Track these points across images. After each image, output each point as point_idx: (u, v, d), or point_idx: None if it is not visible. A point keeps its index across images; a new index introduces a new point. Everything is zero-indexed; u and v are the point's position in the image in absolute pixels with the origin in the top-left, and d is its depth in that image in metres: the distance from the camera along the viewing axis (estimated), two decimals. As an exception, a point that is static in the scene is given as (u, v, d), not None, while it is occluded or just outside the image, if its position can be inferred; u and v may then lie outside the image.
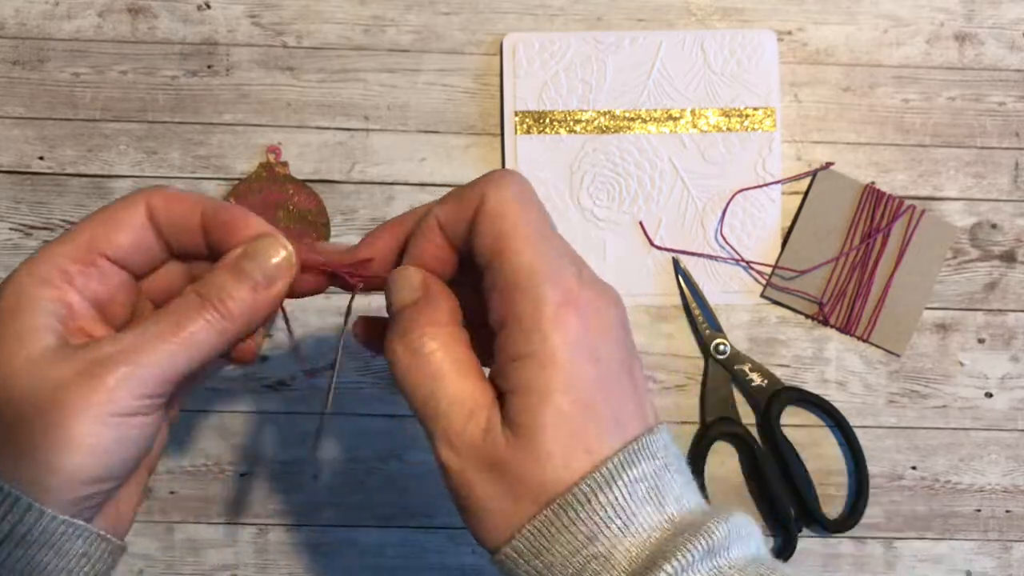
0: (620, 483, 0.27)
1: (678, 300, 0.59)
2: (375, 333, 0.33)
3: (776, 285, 0.59)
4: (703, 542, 0.26)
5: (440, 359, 0.29)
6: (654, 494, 0.27)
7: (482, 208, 0.29)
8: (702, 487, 0.58)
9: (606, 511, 0.27)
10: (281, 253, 0.30)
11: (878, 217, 0.59)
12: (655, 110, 0.59)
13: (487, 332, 0.30)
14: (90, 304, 0.29)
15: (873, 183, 0.60)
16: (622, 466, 0.27)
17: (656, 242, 0.59)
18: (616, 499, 0.27)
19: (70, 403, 0.26)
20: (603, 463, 0.27)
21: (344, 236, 0.59)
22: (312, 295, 0.33)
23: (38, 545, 0.27)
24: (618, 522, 0.27)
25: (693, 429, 0.59)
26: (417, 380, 0.29)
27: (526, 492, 0.27)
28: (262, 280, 0.29)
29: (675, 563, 0.26)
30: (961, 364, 0.60)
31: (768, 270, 0.59)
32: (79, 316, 0.29)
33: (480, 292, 0.30)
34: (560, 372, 0.27)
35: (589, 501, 0.27)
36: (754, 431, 0.59)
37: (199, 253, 0.31)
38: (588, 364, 0.28)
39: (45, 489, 0.26)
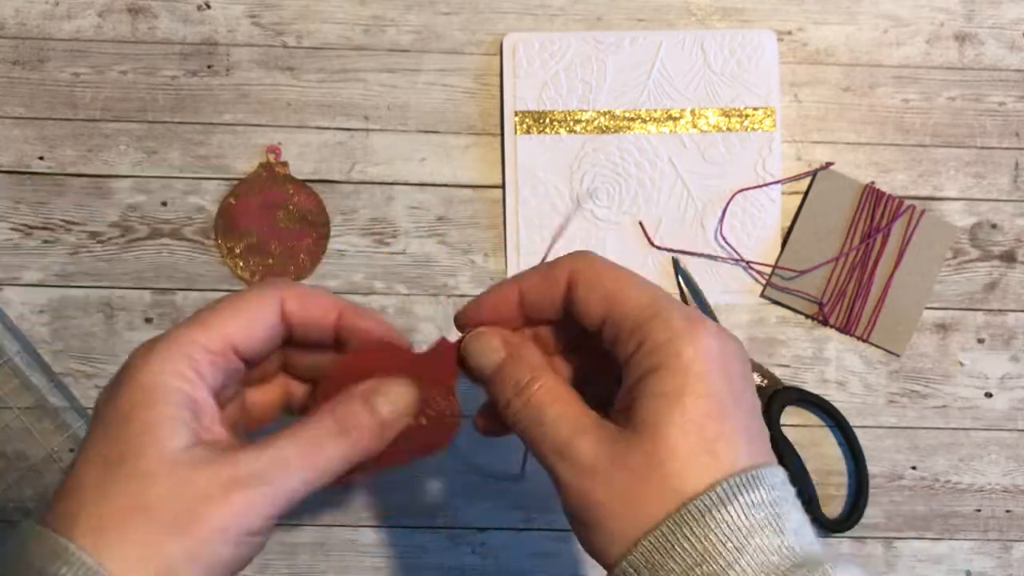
0: (739, 502, 0.27)
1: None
2: (491, 421, 0.35)
3: (776, 285, 0.59)
4: None
5: (541, 395, 0.30)
6: (773, 520, 0.27)
7: (576, 280, 0.31)
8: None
9: (722, 528, 0.26)
10: (407, 396, 0.32)
11: (878, 217, 0.59)
12: (655, 110, 0.59)
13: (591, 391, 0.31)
14: (213, 399, 0.30)
15: (873, 183, 0.60)
16: (744, 486, 0.27)
17: (656, 242, 0.59)
18: (733, 518, 0.26)
19: (206, 519, 0.27)
20: (724, 479, 0.27)
21: (344, 236, 0.59)
22: None
23: None
24: (734, 541, 0.26)
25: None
26: (524, 417, 0.30)
27: (648, 497, 0.27)
28: (389, 419, 0.31)
29: None
30: (961, 364, 0.60)
31: (768, 270, 0.59)
32: (204, 412, 0.29)
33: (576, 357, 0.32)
34: (693, 379, 0.28)
35: (705, 517, 0.26)
36: (754, 431, 0.59)
37: (322, 345, 0.33)
38: (720, 377, 0.28)
39: None
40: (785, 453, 0.58)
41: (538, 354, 0.33)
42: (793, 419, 0.59)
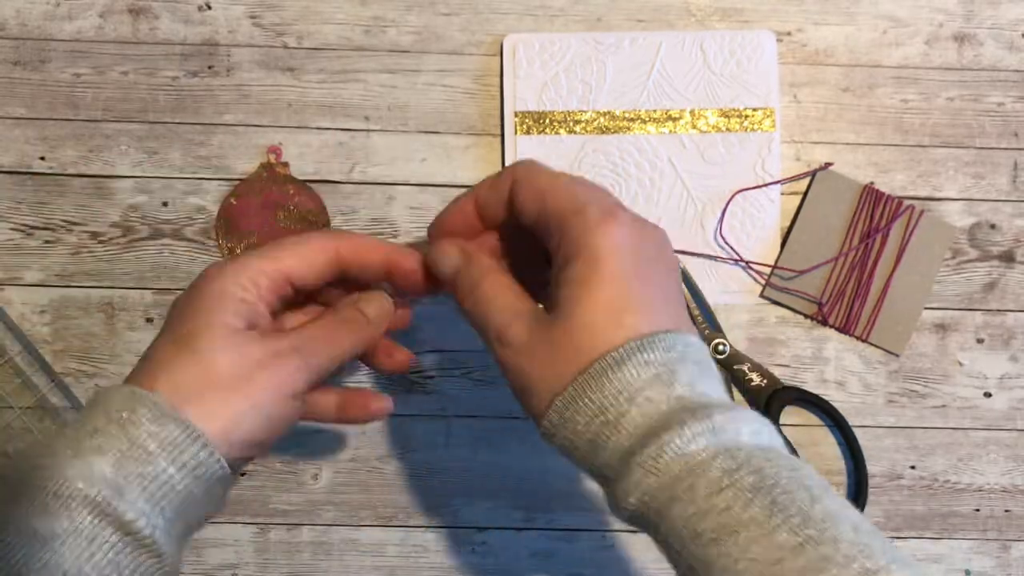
0: (632, 362, 0.31)
1: (678, 300, 0.59)
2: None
3: (775, 285, 0.59)
4: (703, 420, 0.30)
5: (487, 290, 0.36)
6: (665, 376, 0.31)
7: (517, 182, 0.36)
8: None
9: (614, 385, 0.31)
10: (385, 303, 0.40)
11: (877, 217, 0.59)
12: (655, 111, 0.60)
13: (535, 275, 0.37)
14: (267, 309, 0.37)
15: (872, 183, 0.60)
16: (637, 349, 0.31)
17: (656, 242, 0.59)
18: (626, 375, 0.31)
19: (261, 380, 0.34)
20: (623, 343, 0.31)
21: (344, 236, 0.59)
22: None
23: (200, 481, 0.33)
24: (627, 393, 0.31)
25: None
26: (476, 311, 0.36)
27: (563, 364, 0.32)
28: (375, 318, 0.39)
29: (672, 431, 0.30)
30: (960, 364, 0.60)
31: (767, 270, 0.59)
32: (260, 316, 0.37)
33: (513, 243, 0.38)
34: (601, 265, 0.32)
35: (602, 376, 0.31)
36: (753, 431, 0.59)
37: (372, 281, 0.41)
38: (628, 261, 0.33)
39: (229, 444, 0.33)
40: (784, 453, 0.58)
41: (488, 258, 0.38)
42: (792, 419, 0.59)
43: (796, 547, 0.27)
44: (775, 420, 0.58)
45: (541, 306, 0.35)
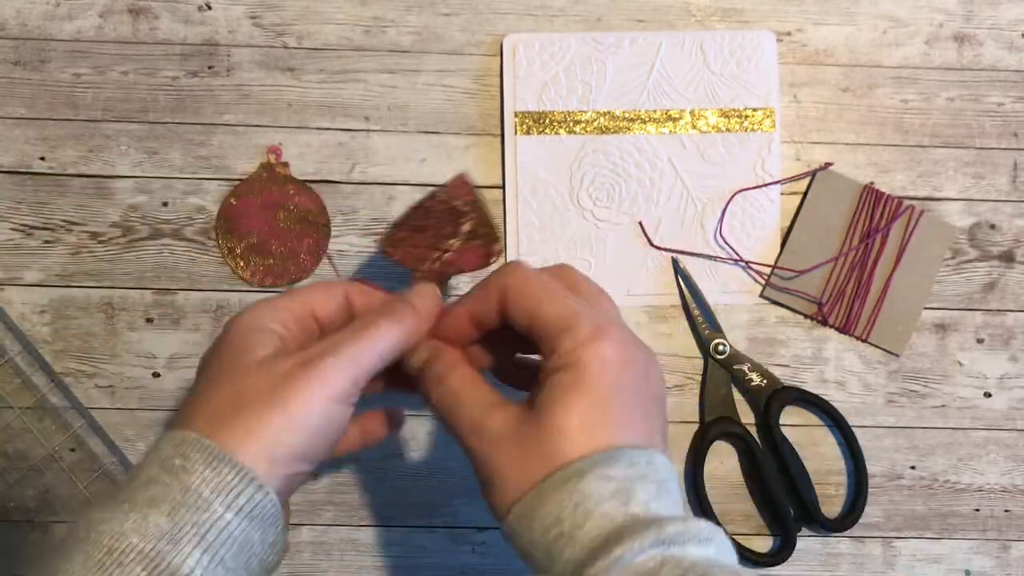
0: (593, 475, 0.31)
1: (677, 300, 0.59)
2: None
3: (775, 285, 0.59)
4: (653, 534, 0.30)
5: (456, 382, 0.36)
6: (622, 493, 0.31)
7: (506, 296, 0.36)
8: (702, 498, 0.58)
9: (572, 497, 0.31)
10: (431, 292, 0.39)
11: (877, 217, 0.59)
12: (655, 111, 0.60)
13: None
14: (297, 345, 0.37)
15: (872, 183, 0.60)
16: (600, 462, 0.32)
17: (656, 242, 0.59)
18: (583, 489, 0.31)
19: (295, 388, 0.33)
20: (590, 454, 0.32)
21: (345, 237, 0.59)
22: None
23: (256, 521, 0.32)
24: (582, 508, 0.31)
25: (693, 429, 0.59)
26: (447, 401, 0.36)
27: (532, 462, 0.32)
28: (423, 308, 0.38)
29: (624, 546, 0.30)
30: (960, 364, 0.60)
31: (767, 270, 0.59)
32: (287, 341, 0.37)
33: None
34: (585, 377, 0.33)
35: (566, 484, 0.31)
36: (753, 431, 0.59)
37: None
38: (612, 377, 0.33)
39: (273, 463, 0.33)
40: (784, 453, 0.58)
41: (456, 354, 0.38)
42: (792, 419, 0.59)
43: None
44: (775, 420, 0.58)
45: (514, 403, 0.36)
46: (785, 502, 0.57)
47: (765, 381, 0.59)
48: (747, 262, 0.59)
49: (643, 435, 0.33)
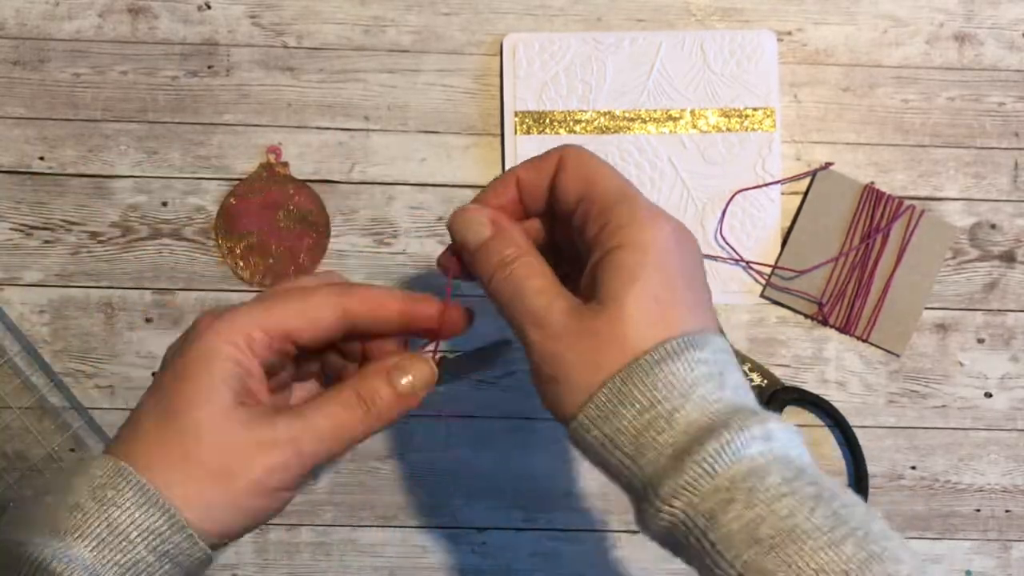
0: (685, 357, 0.30)
1: (678, 300, 0.59)
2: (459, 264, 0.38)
3: (776, 285, 0.59)
4: (758, 426, 0.29)
5: (520, 268, 0.33)
6: (716, 376, 0.30)
7: (564, 164, 0.34)
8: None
9: (669, 379, 0.30)
10: (426, 372, 0.35)
11: (878, 217, 0.59)
12: (655, 110, 0.60)
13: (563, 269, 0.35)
14: (263, 371, 0.34)
15: (873, 183, 0.60)
16: (690, 345, 0.30)
17: (656, 242, 0.59)
18: (679, 370, 0.30)
19: (243, 474, 0.31)
20: (672, 339, 0.30)
21: (345, 236, 0.59)
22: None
23: (181, 568, 0.31)
24: (680, 388, 0.30)
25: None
26: (505, 289, 0.33)
27: (607, 354, 0.30)
28: (407, 391, 0.35)
29: (731, 433, 0.28)
30: (961, 364, 0.60)
31: (768, 270, 0.59)
32: (254, 380, 0.33)
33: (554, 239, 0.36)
34: (652, 256, 0.31)
35: (655, 368, 0.30)
36: (754, 431, 0.59)
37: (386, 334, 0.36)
38: (674, 259, 0.32)
39: (202, 531, 0.31)
40: (785, 453, 0.58)
41: (522, 234, 0.35)
42: (793, 419, 0.59)
43: (863, 561, 0.26)
44: (775, 420, 0.58)
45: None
46: (785, 502, 0.57)
47: (766, 381, 0.58)
48: (747, 262, 0.59)
49: (708, 319, 0.32)
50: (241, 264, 0.59)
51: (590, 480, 0.59)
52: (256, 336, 0.33)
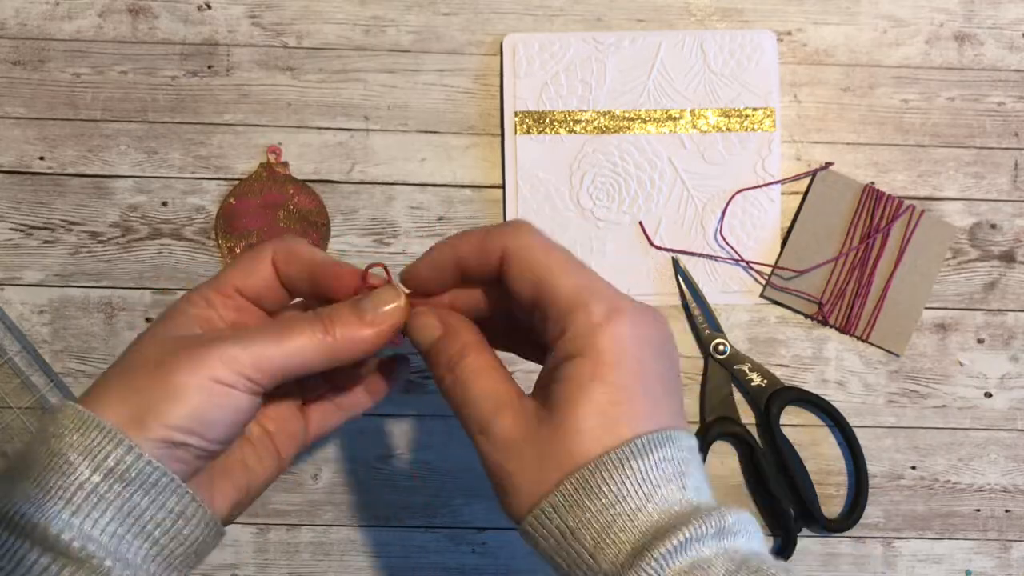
0: (649, 458, 0.30)
1: (678, 300, 0.59)
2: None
3: (776, 285, 0.59)
4: (715, 522, 0.29)
5: (470, 370, 0.33)
6: (678, 477, 0.30)
7: (510, 258, 0.33)
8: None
9: (634, 477, 0.29)
10: (396, 300, 0.35)
11: (877, 217, 0.59)
12: (655, 110, 0.60)
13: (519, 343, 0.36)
14: (223, 322, 0.35)
15: (872, 183, 0.60)
16: (653, 445, 0.30)
17: (656, 242, 0.59)
18: (644, 469, 0.30)
19: (178, 361, 0.31)
20: (636, 438, 0.30)
21: (344, 236, 0.59)
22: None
23: (133, 484, 0.30)
24: (644, 489, 0.29)
25: (693, 429, 0.59)
26: (455, 393, 0.33)
27: (553, 462, 0.30)
28: (371, 318, 0.34)
29: (689, 531, 0.28)
30: (961, 364, 0.60)
31: (768, 270, 0.59)
32: (211, 323, 0.35)
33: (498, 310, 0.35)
34: (603, 367, 0.30)
35: (621, 466, 0.29)
36: (754, 431, 0.59)
37: (313, 297, 0.37)
38: (631, 364, 0.31)
39: (142, 427, 0.31)
40: (785, 453, 0.58)
41: (473, 331, 0.35)
42: (793, 419, 0.59)
43: None
44: (775, 420, 0.58)
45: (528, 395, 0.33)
46: (785, 502, 0.57)
47: (765, 381, 0.58)
48: (747, 262, 0.59)
49: (670, 418, 0.32)
50: (241, 264, 0.59)
51: None
52: (213, 298, 0.35)
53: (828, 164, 0.60)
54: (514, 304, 0.34)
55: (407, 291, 0.36)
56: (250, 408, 0.33)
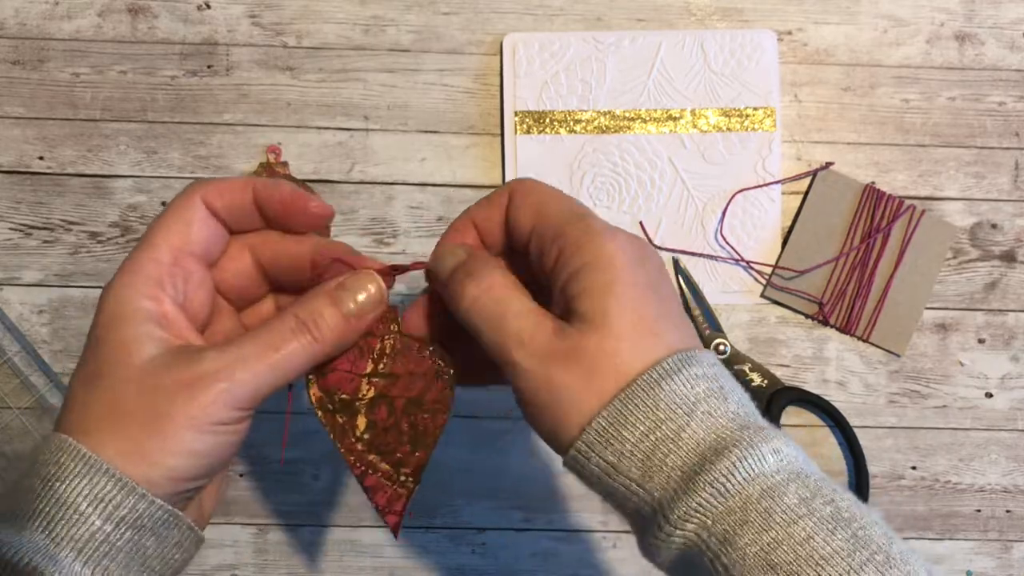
0: (684, 375, 0.29)
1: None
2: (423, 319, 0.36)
3: (776, 285, 0.59)
4: (769, 443, 0.28)
5: (501, 288, 0.32)
6: (717, 392, 0.29)
7: (513, 196, 0.33)
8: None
9: (671, 398, 0.29)
10: (372, 288, 0.33)
11: (878, 217, 0.59)
12: (655, 110, 0.59)
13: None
14: (179, 308, 0.32)
15: (873, 183, 0.60)
16: (687, 361, 0.29)
17: (656, 242, 0.59)
18: (680, 388, 0.29)
19: (175, 415, 0.29)
20: (669, 355, 0.29)
21: (344, 236, 0.59)
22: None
23: (145, 530, 0.30)
24: (684, 407, 0.29)
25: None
26: (484, 310, 0.32)
27: (601, 375, 0.29)
28: (355, 310, 0.33)
29: (741, 451, 0.27)
30: (961, 364, 0.60)
31: (768, 270, 0.59)
32: (173, 322, 0.32)
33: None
34: (620, 272, 0.30)
35: (655, 388, 0.29)
36: (754, 431, 0.59)
37: (259, 229, 0.34)
38: (641, 269, 0.31)
39: (151, 483, 0.29)
40: (785, 453, 0.58)
41: (496, 258, 0.34)
42: (793, 419, 0.59)
43: None
44: (776, 420, 0.58)
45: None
46: (786, 502, 0.57)
47: (766, 381, 0.58)
48: (748, 262, 0.59)
49: (692, 333, 0.31)
50: (241, 264, 0.59)
51: (618, 515, 0.59)
52: (155, 273, 0.32)
53: (828, 164, 0.60)
54: (515, 239, 0.34)
55: (382, 265, 0.34)
56: (246, 431, 0.32)
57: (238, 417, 0.31)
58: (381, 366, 0.35)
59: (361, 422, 0.35)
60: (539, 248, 0.32)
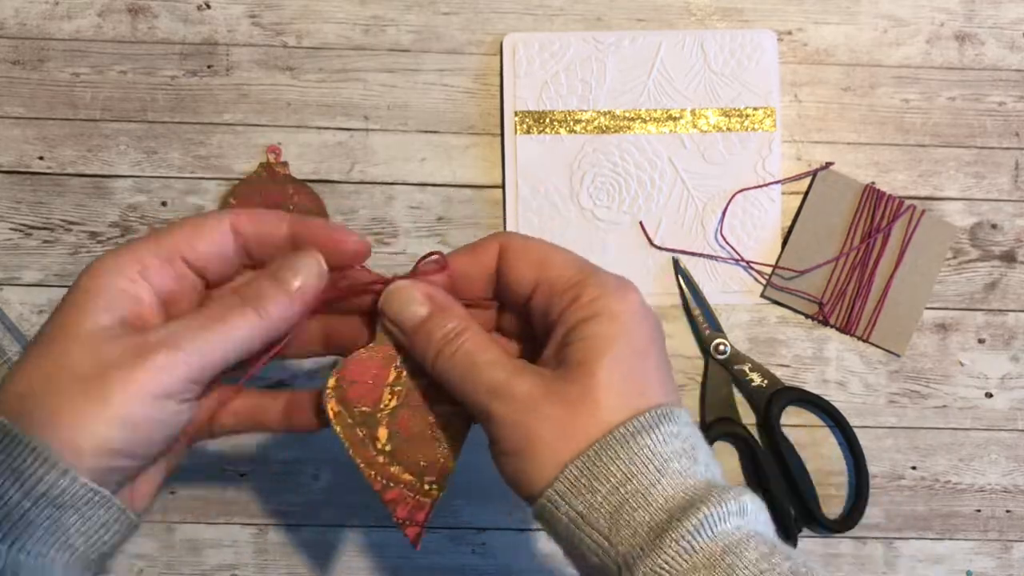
0: (659, 431, 0.30)
1: (678, 300, 0.59)
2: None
3: (776, 285, 0.59)
4: (734, 502, 0.28)
5: (469, 342, 0.32)
6: (688, 451, 0.30)
7: (508, 253, 0.34)
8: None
9: (644, 452, 0.29)
10: (314, 266, 0.33)
11: (878, 217, 0.59)
12: (655, 110, 0.59)
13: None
14: (159, 299, 0.32)
15: (873, 183, 0.60)
16: (663, 418, 0.30)
17: (656, 242, 0.59)
18: (654, 443, 0.29)
19: (114, 379, 0.29)
20: (646, 410, 0.30)
21: (344, 236, 0.59)
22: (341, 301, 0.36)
23: (66, 508, 0.29)
24: (655, 464, 0.29)
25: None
26: (455, 366, 0.32)
27: (581, 423, 0.30)
28: (298, 286, 0.33)
29: (709, 508, 0.28)
30: (961, 364, 0.60)
31: (768, 270, 0.59)
32: (145, 306, 0.31)
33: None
34: (624, 327, 0.31)
35: (630, 441, 0.29)
36: (754, 431, 0.59)
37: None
38: (646, 329, 0.32)
39: (78, 454, 0.28)
40: (785, 453, 0.58)
41: (461, 307, 0.34)
42: (793, 419, 0.59)
43: None
44: (776, 420, 0.58)
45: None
46: (786, 502, 0.57)
47: (766, 381, 0.58)
48: (748, 262, 0.59)
49: (674, 392, 0.32)
50: (241, 264, 0.59)
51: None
52: (150, 263, 0.32)
53: (828, 164, 0.60)
54: (510, 296, 0.34)
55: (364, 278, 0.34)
56: (190, 412, 0.31)
57: (180, 391, 0.30)
58: (405, 373, 0.35)
59: (383, 433, 0.35)
60: (544, 302, 0.33)
